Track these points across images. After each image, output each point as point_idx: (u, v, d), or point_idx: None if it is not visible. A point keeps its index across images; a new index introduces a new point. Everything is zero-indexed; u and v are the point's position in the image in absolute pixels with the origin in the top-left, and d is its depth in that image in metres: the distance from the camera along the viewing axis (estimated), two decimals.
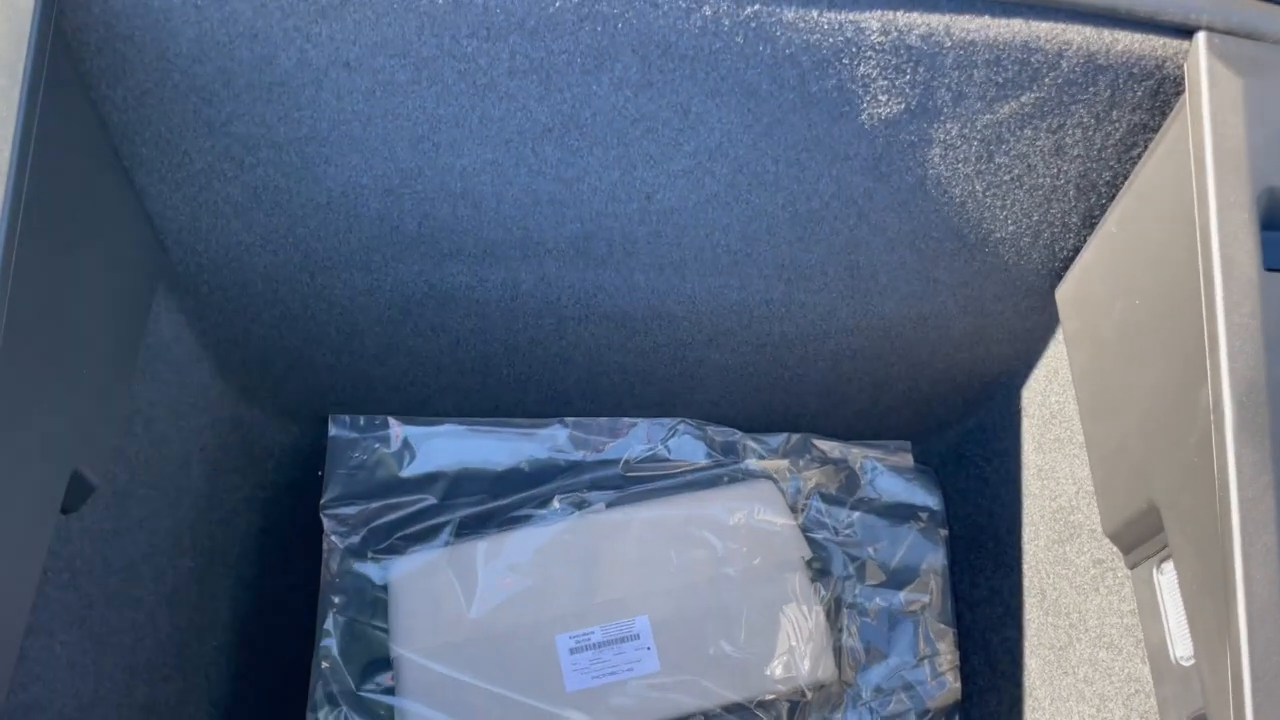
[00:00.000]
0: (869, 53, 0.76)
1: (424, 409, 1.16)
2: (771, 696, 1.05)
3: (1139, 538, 0.81)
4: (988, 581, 1.11)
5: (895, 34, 0.74)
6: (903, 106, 0.79)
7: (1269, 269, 0.68)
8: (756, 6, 0.73)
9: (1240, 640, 0.63)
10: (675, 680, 1.05)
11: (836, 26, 0.74)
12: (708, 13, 0.73)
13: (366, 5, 0.73)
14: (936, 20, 0.73)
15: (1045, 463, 1.03)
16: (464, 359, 1.08)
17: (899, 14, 0.73)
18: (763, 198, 0.88)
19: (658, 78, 0.78)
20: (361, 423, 1.16)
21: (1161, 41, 0.74)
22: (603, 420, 1.17)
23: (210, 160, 0.84)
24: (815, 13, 0.73)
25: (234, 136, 0.82)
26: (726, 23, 0.74)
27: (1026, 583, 1.04)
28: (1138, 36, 0.74)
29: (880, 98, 0.79)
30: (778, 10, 0.73)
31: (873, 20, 0.74)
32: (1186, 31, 0.73)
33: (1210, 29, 0.72)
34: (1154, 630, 0.81)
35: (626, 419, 1.18)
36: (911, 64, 0.76)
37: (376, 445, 1.15)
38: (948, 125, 0.81)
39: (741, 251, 0.94)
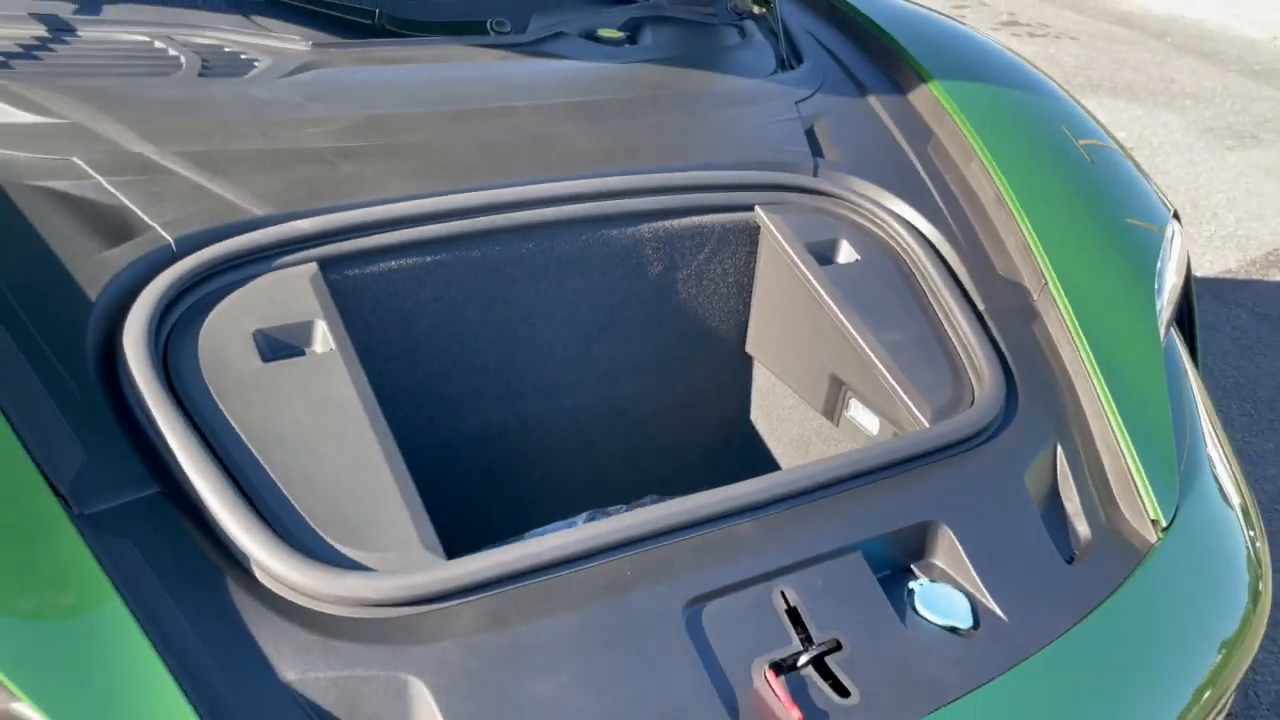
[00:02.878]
0: (641, 242, 1.78)
1: None
2: None
3: (833, 400, 1.82)
4: None
5: (589, 240, 1.76)
6: (663, 266, 1.82)
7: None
8: (601, 230, 1.73)
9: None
10: None
11: (628, 234, 1.77)
12: (583, 240, 1.72)
13: (461, 280, 1.61)
14: (591, 230, 1.79)
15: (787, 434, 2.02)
16: (489, 503, 1.83)
17: (611, 231, 1.77)
18: (618, 330, 1.84)
19: (568, 275, 1.73)
20: None
21: (746, 214, 1.86)
22: None
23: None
24: (621, 230, 1.76)
25: None
26: (589, 253, 1.73)
27: None
28: (733, 215, 1.85)
29: (655, 264, 1.81)
30: (606, 231, 1.74)
31: (617, 231, 1.78)
32: (751, 206, 1.86)
33: (760, 204, 1.86)
34: (858, 440, 1.80)
35: None
36: (663, 246, 1.80)
37: None
38: (684, 270, 1.85)
39: (612, 366, 1.87)
